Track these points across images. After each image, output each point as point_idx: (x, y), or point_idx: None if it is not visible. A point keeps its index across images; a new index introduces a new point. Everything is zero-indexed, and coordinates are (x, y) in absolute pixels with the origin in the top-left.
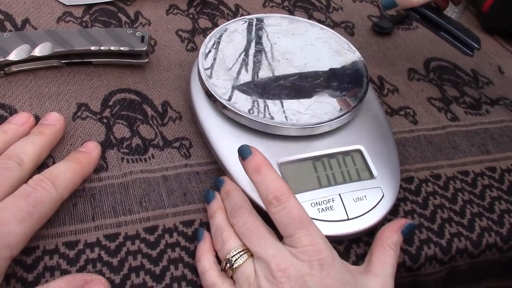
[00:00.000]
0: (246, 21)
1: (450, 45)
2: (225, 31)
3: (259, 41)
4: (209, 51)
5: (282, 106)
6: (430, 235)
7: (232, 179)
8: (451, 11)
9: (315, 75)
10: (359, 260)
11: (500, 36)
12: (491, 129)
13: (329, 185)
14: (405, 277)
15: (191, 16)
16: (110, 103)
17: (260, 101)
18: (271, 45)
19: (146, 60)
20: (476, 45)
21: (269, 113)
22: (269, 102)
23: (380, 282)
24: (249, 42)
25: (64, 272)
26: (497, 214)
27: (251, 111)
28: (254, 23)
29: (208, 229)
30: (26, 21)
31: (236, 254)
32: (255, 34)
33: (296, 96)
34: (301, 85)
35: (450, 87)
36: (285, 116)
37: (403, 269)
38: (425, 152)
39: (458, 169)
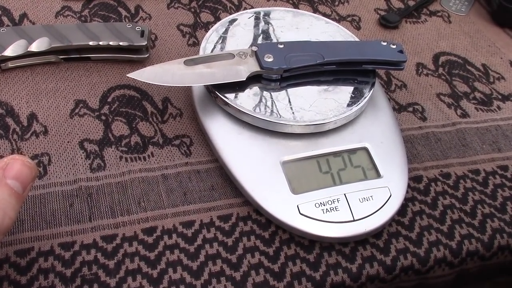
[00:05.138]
0: (249, 15)
1: None
2: (227, 25)
3: (262, 36)
4: (211, 46)
5: (285, 103)
6: (439, 237)
7: (232, 177)
8: (461, 4)
9: (319, 69)
10: (365, 262)
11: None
12: (503, 126)
13: (334, 184)
14: (413, 280)
15: (192, 10)
16: (109, 99)
17: (263, 97)
18: (276, 39)
19: (146, 55)
20: None
21: (272, 110)
22: (272, 98)
23: None
24: (251, 37)
25: (59, 275)
26: (509, 215)
27: (254, 108)
28: (257, 17)
29: (208, 231)
30: (24, 16)
31: None
32: (258, 28)
33: (301, 91)
34: (305, 80)
35: (460, 82)
36: (289, 113)
37: (411, 272)
38: (434, 150)
39: (469, 168)
